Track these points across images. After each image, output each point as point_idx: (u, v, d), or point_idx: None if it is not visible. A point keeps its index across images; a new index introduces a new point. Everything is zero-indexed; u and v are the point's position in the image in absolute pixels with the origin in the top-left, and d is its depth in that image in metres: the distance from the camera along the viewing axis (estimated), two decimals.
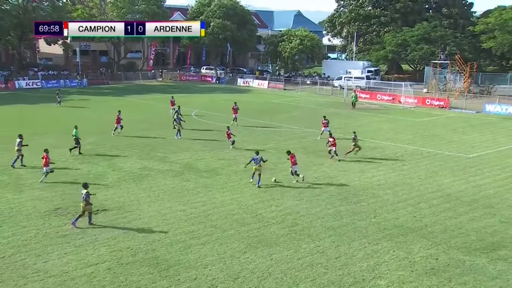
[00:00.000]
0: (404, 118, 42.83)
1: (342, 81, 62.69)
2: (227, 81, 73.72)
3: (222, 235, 16.71)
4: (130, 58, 79.34)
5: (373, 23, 77.79)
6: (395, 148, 30.35)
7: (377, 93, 55.06)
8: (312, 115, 43.05)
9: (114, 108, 45.67)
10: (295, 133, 34.81)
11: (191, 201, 20.09)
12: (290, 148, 29.63)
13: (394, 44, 69.48)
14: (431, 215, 18.74)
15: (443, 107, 48.75)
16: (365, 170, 24.99)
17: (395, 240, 16.41)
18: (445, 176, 24.05)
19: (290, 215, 18.65)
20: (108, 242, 15.96)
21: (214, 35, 72.15)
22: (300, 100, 54.24)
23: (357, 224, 17.82)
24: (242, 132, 34.44)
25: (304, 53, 74.01)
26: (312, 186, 22.19)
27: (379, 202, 20.24)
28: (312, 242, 16.23)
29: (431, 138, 33.77)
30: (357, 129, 36.61)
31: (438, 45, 66.90)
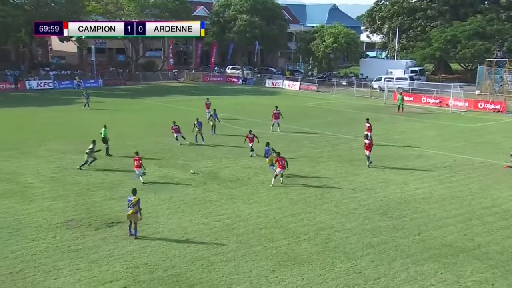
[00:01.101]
0: (453, 123, 42.18)
1: (382, 82, 62.17)
2: (255, 82, 74.02)
3: (249, 251, 16.72)
4: (149, 57, 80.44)
5: (418, 17, 76.87)
6: (442, 157, 29.88)
7: (421, 96, 54.41)
8: (348, 119, 42.81)
9: (130, 112, 46.59)
10: (329, 140, 34.65)
11: (214, 213, 20.18)
12: (324, 156, 29.66)
13: (442, 40, 68.41)
14: (485, 234, 18.34)
15: (499, 111, 47.84)
16: (408, 182, 24.68)
17: (443, 261, 16.12)
18: (501, 190, 23.53)
19: (324, 230, 18.54)
20: (124, 258, 16.15)
21: (241, 32, 72.53)
22: (335, 103, 54.00)
23: (399, 241, 17.58)
24: (271, 138, 34.35)
25: (340, 51, 73.68)
26: (347, 199, 22.03)
27: (424, 217, 19.94)
28: (348, 260, 16.09)
29: (484, 146, 33.14)
30: (399, 136, 36.36)
31: (494, 41, 65.57)
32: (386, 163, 28.01)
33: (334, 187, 23.65)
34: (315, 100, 56.27)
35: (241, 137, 33.22)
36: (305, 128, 38.24)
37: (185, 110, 45.97)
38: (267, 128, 36.83)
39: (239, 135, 34.24)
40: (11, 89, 61.67)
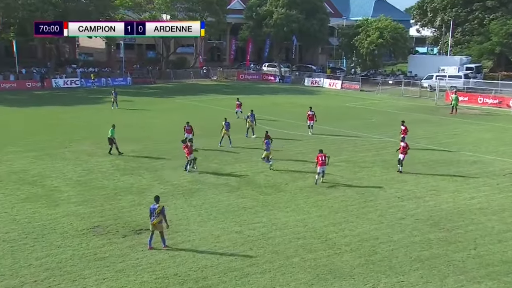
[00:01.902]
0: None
1: (433, 80, 61.33)
2: (293, 81, 74.05)
3: (285, 262, 16.70)
4: (180, 53, 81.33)
5: (475, 8, 75.39)
6: (501, 163, 29.27)
7: (478, 95, 53.52)
8: (395, 121, 42.25)
9: (160, 111, 47.20)
10: (373, 143, 34.34)
11: (248, 221, 20.24)
12: (367, 161, 29.39)
13: (503, 34, 66.86)
14: None
15: None
16: (462, 190, 24.25)
17: (503, 280, 15.76)
18: None
19: (367, 241, 18.38)
20: (153, 268, 16.35)
21: (278, 27, 72.73)
22: (380, 104, 53.50)
23: (451, 256, 17.28)
24: (310, 141, 34.37)
25: (386, 47, 73.03)
26: (394, 208, 21.79)
27: (480, 230, 19.57)
28: (394, 276, 15.90)
29: None
30: (451, 139, 35.76)
31: None
32: (437, 170, 27.59)
33: (379, 195, 23.44)
34: (358, 100, 55.86)
35: (279, 140, 33.21)
36: (347, 131, 37.97)
37: (218, 110, 46.31)
38: (304, 129, 36.74)
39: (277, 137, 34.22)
40: (37, 87, 63.46)
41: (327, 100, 56.26)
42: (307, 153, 30.99)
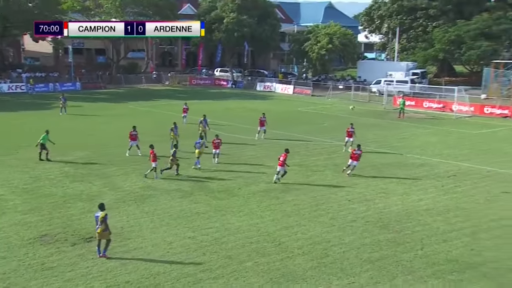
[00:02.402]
0: (457, 129, 42.54)
1: (381, 85, 62.57)
2: (245, 86, 74.21)
3: (239, 267, 16.68)
4: (131, 58, 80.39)
5: (419, 16, 77.46)
6: (446, 165, 30.07)
7: (423, 100, 54.89)
8: (346, 125, 42.87)
9: (111, 117, 46.45)
10: (325, 147, 34.75)
11: (201, 226, 20.13)
12: (319, 165, 29.68)
13: (445, 41, 68.98)
14: (494, 249, 18.43)
15: (507, 116, 48.36)
16: (410, 192, 24.79)
17: (448, 278, 16.18)
18: (509, 201, 23.71)
19: (319, 244, 18.55)
20: (103, 276, 16.03)
21: (229, 32, 72.95)
22: (331, 108, 54.23)
23: (400, 256, 17.62)
24: (263, 145, 34.51)
25: (335, 52, 74.18)
26: (345, 211, 22.08)
27: (427, 230, 20.03)
28: (345, 277, 16.10)
29: (491, 154, 33.40)
30: (399, 143, 36.54)
31: (502, 41, 66.18)
32: (386, 172, 28.13)
33: (331, 198, 23.71)
34: (310, 105, 56.45)
35: (231, 145, 33.20)
36: (299, 135, 38.30)
37: (171, 115, 45.87)
38: (255, 134, 36.85)
39: (228, 142, 34.21)
40: None
41: (279, 105, 56.60)
42: (260, 157, 31.14)
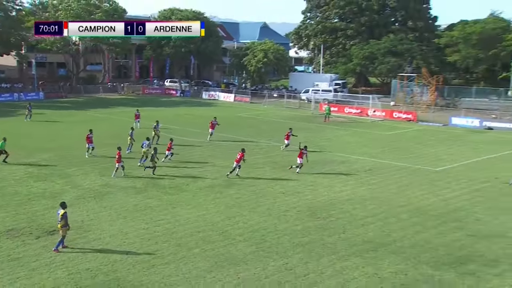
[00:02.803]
0: (372, 131, 43.60)
1: (309, 94, 63.49)
2: (192, 94, 73.52)
3: (187, 253, 16.54)
4: (90, 71, 78.36)
5: (339, 35, 79.34)
6: (363, 162, 30.81)
7: (344, 106, 55.94)
8: (280, 129, 43.32)
9: (72, 123, 45.00)
10: (263, 148, 34.93)
11: (154, 219, 19.83)
12: (258, 163, 29.81)
13: (361, 56, 70.99)
14: (400, 230, 19.06)
15: (411, 120, 49.93)
16: (334, 185, 25.26)
17: (364, 256, 16.60)
18: (413, 190, 24.55)
19: (258, 232, 18.64)
20: (66, 264, 15.53)
21: (177, 47, 72.67)
22: (267, 114, 54.56)
23: (326, 240, 17.94)
24: (208, 147, 34.35)
25: (270, 65, 74.80)
26: (279, 202, 22.27)
27: (348, 217, 20.47)
28: (280, 259, 16.24)
29: (399, 151, 34.45)
30: (325, 142, 37.18)
31: (405, 58, 68.72)
32: (315, 168, 28.54)
33: (267, 192, 23.85)
34: (249, 111, 56.58)
35: (180, 146, 32.84)
36: (240, 137, 38.33)
37: (126, 121, 44.94)
38: (201, 136, 36.67)
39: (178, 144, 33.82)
40: None
41: (222, 111, 56.39)
42: (206, 157, 30.99)
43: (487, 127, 45.47)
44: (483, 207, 21.93)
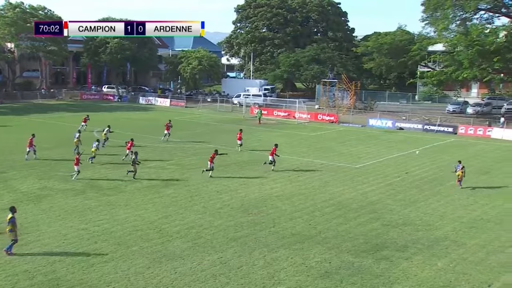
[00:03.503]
0: (299, 132, 44.46)
1: (241, 98, 63.74)
2: (129, 100, 71.65)
3: (126, 251, 16.13)
4: (27, 77, 74.42)
5: (267, 44, 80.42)
6: (291, 160, 31.36)
7: (273, 110, 56.63)
8: (213, 131, 43.28)
9: (8, 128, 42.52)
10: (198, 149, 34.69)
11: (93, 219, 19.18)
12: (193, 164, 29.55)
13: (287, 64, 72.33)
14: (324, 222, 19.59)
15: (333, 122, 51.39)
16: (264, 183, 25.52)
17: (293, 248, 16.91)
18: (336, 186, 25.31)
19: (194, 228, 18.50)
20: (3, 267, 14.68)
21: (113, 54, 70.91)
22: (201, 117, 54.26)
23: (257, 234, 18.11)
24: (145, 149, 33.63)
25: (204, 72, 74.53)
26: (214, 200, 22.22)
27: (277, 212, 20.76)
28: (215, 253, 16.22)
29: (323, 150, 35.37)
30: (257, 143, 37.49)
31: (327, 65, 70.80)
32: (247, 168, 28.72)
33: (202, 191, 23.72)
34: (184, 115, 55.95)
35: (118, 148, 31.93)
36: (176, 140, 37.83)
37: (65, 125, 43.17)
38: (141, 139, 35.89)
39: (116, 146, 32.89)
40: None
41: (159, 115, 55.42)
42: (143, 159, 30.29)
43: (398, 128, 47.68)
44: (395, 199, 23.01)
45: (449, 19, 49.44)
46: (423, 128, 46.93)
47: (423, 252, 16.69)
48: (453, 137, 43.24)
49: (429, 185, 25.62)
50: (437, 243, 17.45)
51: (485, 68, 47.80)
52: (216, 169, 28.10)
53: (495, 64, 46.08)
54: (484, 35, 46.18)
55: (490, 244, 17.43)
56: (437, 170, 29.27)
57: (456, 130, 45.14)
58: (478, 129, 44.50)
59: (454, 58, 48.93)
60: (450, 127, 46.25)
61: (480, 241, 17.77)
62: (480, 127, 44.99)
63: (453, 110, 57.18)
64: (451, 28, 50.71)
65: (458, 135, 44.26)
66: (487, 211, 21.39)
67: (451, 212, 21.15)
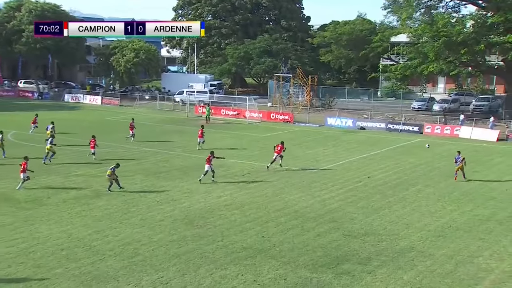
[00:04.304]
0: (249, 133, 44.67)
1: (184, 95, 63.34)
2: (52, 97, 69.65)
3: (48, 275, 15.56)
4: None
5: (213, 34, 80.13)
6: (241, 165, 31.42)
7: (221, 108, 56.63)
8: (153, 133, 42.74)
9: None
10: (134, 154, 34.13)
11: (7, 238, 18.40)
12: (129, 170, 29.01)
13: (236, 56, 72.49)
14: (279, 234, 19.72)
15: (288, 121, 52.02)
16: (211, 191, 25.43)
17: (243, 263, 16.91)
18: (291, 193, 25.57)
19: (130, 245, 18.15)
20: None
21: (30, 44, 68.56)
22: (139, 117, 53.29)
23: (203, 249, 17.99)
24: (71, 155, 32.77)
25: (141, 65, 73.49)
26: (153, 211, 21.91)
27: (226, 223, 20.72)
28: (155, 273, 15.96)
29: None
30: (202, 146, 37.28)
31: (280, 58, 71.49)
32: (190, 174, 28.49)
33: (140, 201, 23.36)
34: (118, 114, 54.94)
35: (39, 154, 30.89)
36: (109, 143, 36.93)
37: None
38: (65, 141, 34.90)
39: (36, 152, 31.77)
40: None
41: (88, 115, 54.18)
42: (68, 166, 29.47)
43: (359, 127, 48.89)
44: (357, 207, 23.51)
45: (413, 6, 51.02)
46: (386, 127, 48.34)
47: (387, 264, 17.13)
48: (419, 136, 44.79)
49: (393, 191, 26.36)
50: (402, 255, 17.95)
51: (452, 61, 49.71)
52: (155, 176, 27.74)
53: (463, 57, 47.99)
54: (451, 25, 48.04)
55: (459, 254, 18.09)
56: (402, 173, 30.19)
57: (422, 129, 46.81)
58: (445, 128, 46.37)
59: (419, 50, 50.65)
60: (416, 126, 47.92)
61: (449, 251, 18.41)
62: (447, 126, 46.90)
63: (419, 107, 59.29)
64: (416, 17, 52.37)
65: (424, 134, 45.89)
66: (455, 218, 22.23)
67: (417, 219, 21.84)
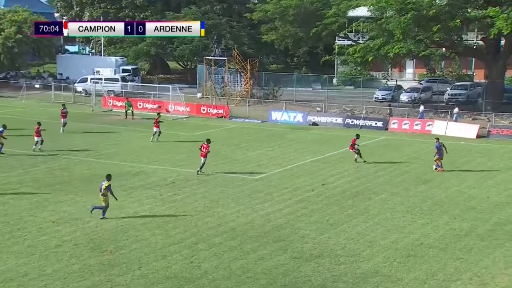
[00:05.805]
0: (174, 132, 44.46)
1: (87, 84, 62.04)
2: None
3: None
4: None
5: (125, 5, 79.16)
6: (164, 172, 31.26)
7: (137, 100, 55.99)
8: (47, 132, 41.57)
9: None
10: (20, 160, 33.26)
11: None
12: (12, 182, 28.27)
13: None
14: (212, 258, 19.71)
15: (223, 116, 52.20)
16: (125, 205, 25.18)
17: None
18: (228, 206, 25.63)
19: (13, 280, 17.62)
20: None
21: None
22: (28, 112, 52.08)
23: (115, 281, 17.74)
24: None
25: (27, 44, 71.58)
26: (47, 235, 21.46)
27: (145, 247, 20.54)
28: None
29: (209, 156, 35.47)
30: (113, 149, 36.76)
31: (212, 36, 71.36)
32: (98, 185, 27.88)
33: (29, 221, 22.87)
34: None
35: None
36: None
37: None
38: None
39: None
40: None
41: None
42: None
43: (311, 123, 49.66)
44: (309, 222, 23.85)
45: None
46: (344, 122, 49.40)
47: None
48: (384, 133, 46.00)
49: (352, 201, 26.92)
50: (365, 280, 18.34)
51: (423, 40, 51.16)
52: (50, 187, 27.07)
53: (435, 35, 49.39)
54: None
55: (433, 278, 18.64)
56: (364, 179, 30.86)
57: (387, 125, 48.09)
58: (415, 123, 47.76)
59: (383, 27, 51.80)
60: (379, 120, 49.22)
61: (421, 274, 18.96)
62: (417, 121, 48.27)
63: (383, 98, 60.90)
64: None
65: (389, 131, 47.20)
66: (428, 233, 22.92)
67: (382, 236, 22.38)
